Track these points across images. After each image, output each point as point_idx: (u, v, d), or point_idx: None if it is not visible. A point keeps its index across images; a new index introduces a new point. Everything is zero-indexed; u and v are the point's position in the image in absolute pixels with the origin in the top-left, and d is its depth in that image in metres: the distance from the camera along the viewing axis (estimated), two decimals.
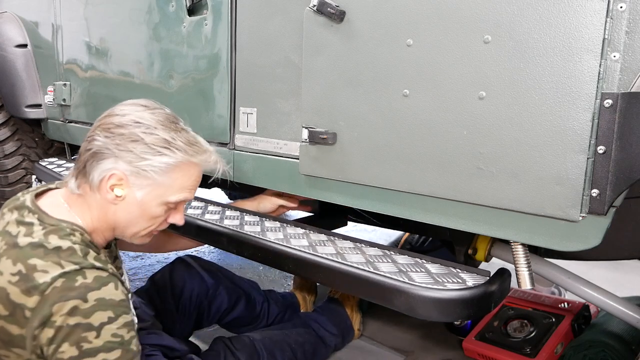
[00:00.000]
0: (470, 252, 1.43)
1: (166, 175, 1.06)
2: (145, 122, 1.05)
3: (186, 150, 1.07)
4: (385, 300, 1.09)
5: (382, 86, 1.16)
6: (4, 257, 0.97)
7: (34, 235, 0.99)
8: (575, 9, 0.89)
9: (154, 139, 1.04)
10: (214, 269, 1.75)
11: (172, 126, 1.08)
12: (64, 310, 0.92)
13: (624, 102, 0.87)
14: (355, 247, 1.32)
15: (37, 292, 0.93)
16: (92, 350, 0.93)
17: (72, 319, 0.92)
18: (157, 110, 1.09)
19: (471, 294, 1.05)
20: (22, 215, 1.03)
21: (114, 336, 0.95)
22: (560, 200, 0.94)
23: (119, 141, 1.03)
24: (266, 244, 1.32)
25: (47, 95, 2.45)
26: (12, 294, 0.93)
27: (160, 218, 1.12)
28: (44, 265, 0.94)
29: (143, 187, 1.05)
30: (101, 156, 1.03)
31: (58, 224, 1.02)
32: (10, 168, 2.59)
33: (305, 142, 1.31)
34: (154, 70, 1.80)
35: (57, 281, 0.93)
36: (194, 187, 1.13)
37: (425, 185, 1.12)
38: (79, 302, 0.93)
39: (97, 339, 0.93)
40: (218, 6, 1.54)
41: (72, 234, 1.01)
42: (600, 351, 1.53)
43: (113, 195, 1.05)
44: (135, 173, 1.04)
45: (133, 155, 1.03)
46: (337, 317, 1.82)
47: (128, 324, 0.98)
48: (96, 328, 0.93)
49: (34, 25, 2.52)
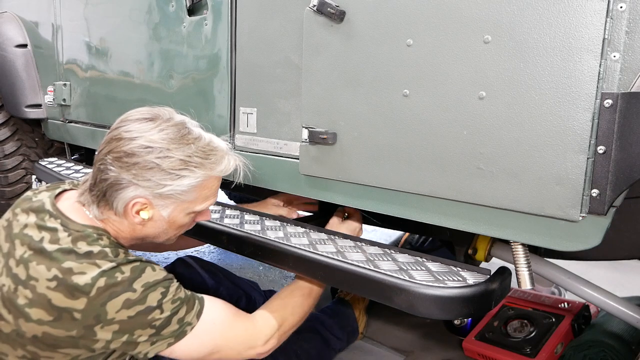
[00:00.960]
0: (470, 252, 1.43)
1: (189, 193, 1.06)
2: (156, 146, 1.00)
3: (204, 165, 1.05)
4: (386, 298, 1.09)
5: (382, 86, 1.16)
6: (34, 262, 0.96)
7: (60, 242, 0.98)
8: (575, 9, 0.89)
9: (170, 163, 1.01)
10: (214, 269, 1.75)
11: (184, 140, 1.03)
12: (118, 306, 0.95)
13: (624, 102, 0.87)
14: (356, 246, 1.32)
15: (82, 294, 0.93)
16: (165, 322, 1.00)
17: (130, 311, 0.96)
18: (165, 124, 1.04)
19: (472, 291, 1.05)
20: (43, 219, 1.02)
21: (174, 302, 1.02)
22: (560, 200, 0.94)
23: (135, 171, 1.00)
24: (266, 242, 1.32)
25: (47, 95, 2.45)
26: (54, 300, 0.93)
27: (189, 223, 1.15)
28: (80, 267, 0.95)
29: (168, 205, 1.06)
30: (120, 186, 1.01)
31: (83, 230, 1.01)
32: (10, 168, 2.59)
33: (305, 142, 1.31)
34: (154, 70, 1.80)
35: (98, 281, 0.94)
36: (217, 191, 1.14)
37: (425, 185, 1.12)
38: (129, 294, 0.96)
39: (163, 313, 1.00)
40: (218, 6, 1.54)
41: (99, 239, 1.01)
42: (600, 351, 1.53)
43: (140, 218, 1.05)
44: (158, 196, 1.03)
45: (152, 182, 1.01)
46: (344, 320, 1.82)
47: (178, 287, 1.05)
48: (156, 307, 0.99)
49: (34, 25, 2.52)
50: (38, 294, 0.94)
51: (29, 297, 0.95)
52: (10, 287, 0.97)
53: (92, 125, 2.20)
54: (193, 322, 1.05)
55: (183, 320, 1.03)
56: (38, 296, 0.94)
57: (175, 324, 1.02)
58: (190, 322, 1.04)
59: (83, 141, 2.29)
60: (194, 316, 1.06)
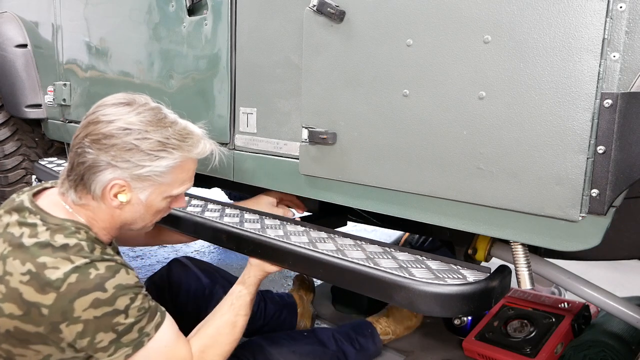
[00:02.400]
0: (470, 252, 1.43)
1: (167, 175, 1.07)
2: (134, 127, 1.03)
3: (182, 147, 1.08)
4: (386, 296, 1.09)
5: (382, 86, 1.16)
6: (10, 257, 0.97)
7: (39, 235, 0.99)
8: (575, 9, 0.89)
9: (149, 144, 1.03)
10: (211, 269, 1.75)
11: (162, 123, 1.07)
12: (86, 304, 0.94)
13: (623, 102, 0.87)
14: (356, 244, 1.32)
15: (52, 289, 0.93)
16: (127, 328, 1.00)
17: (97, 311, 0.95)
18: (142, 108, 1.07)
19: (472, 289, 1.05)
20: (23, 216, 1.03)
21: (140, 310, 1.02)
22: (560, 200, 0.94)
23: (114, 152, 1.01)
24: (266, 240, 1.31)
25: (47, 95, 2.45)
26: (25, 294, 0.94)
27: (165, 208, 1.16)
28: (54, 262, 0.95)
29: (146, 188, 1.07)
30: (98, 168, 1.02)
31: (62, 223, 1.02)
32: (10, 168, 2.59)
33: (305, 142, 1.31)
34: (154, 70, 1.81)
35: (70, 277, 0.94)
36: (193, 175, 1.16)
37: (425, 185, 1.12)
38: (99, 294, 0.96)
39: (127, 318, 0.99)
40: (218, 6, 1.54)
41: (77, 232, 1.02)
42: (600, 351, 1.53)
43: (118, 201, 1.06)
44: (136, 178, 1.04)
45: (131, 164, 1.02)
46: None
47: (146, 295, 1.06)
48: (123, 311, 0.98)
49: (34, 25, 2.52)
50: (11, 288, 0.94)
51: (2, 292, 0.95)
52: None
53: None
54: (151, 334, 1.05)
55: (143, 330, 1.03)
56: (11, 290, 0.94)
57: (135, 332, 1.01)
58: (148, 333, 1.04)
59: None
60: (153, 327, 1.05)
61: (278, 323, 1.81)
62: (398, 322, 1.88)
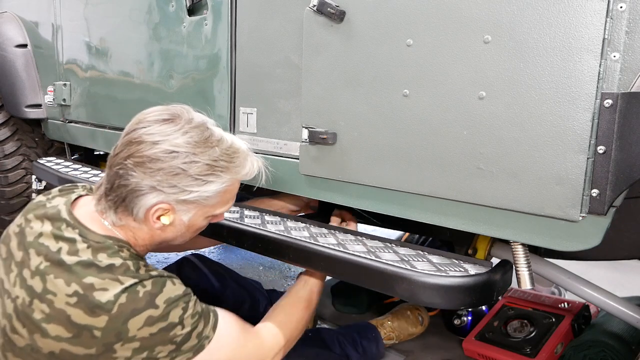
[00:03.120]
0: (470, 252, 1.43)
1: (213, 198, 1.03)
2: (182, 150, 0.96)
3: (230, 169, 1.03)
4: (388, 288, 1.08)
5: (382, 86, 1.16)
6: (51, 275, 0.93)
7: (79, 253, 0.95)
8: (575, 9, 0.89)
9: (197, 168, 0.97)
10: (220, 270, 1.73)
11: (209, 143, 1.00)
12: (140, 323, 0.92)
13: (624, 102, 0.87)
14: (357, 239, 1.32)
15: (103, 312, 0.90)
16: (185, 337, 0.98)
17: (152, 328, 0.93)
18: (187, 126, 0.99)
19: (474, 281, 1.04)
20: (59, 228, 0.98)
21: (193, 316, 1.00)
22: (560, 200, 0.94)
23: (160, 177, 0.95)
24: (267, 234, 1.31)
25: (47, 95, 2.45)
26: (74, 316, 0.90)
27: (204, 225, 1.12)
28: (102, 284, 0.92)
29: (190, 210, 1.03)
30: (141, 192, 0.97)
31: (104, 241, 0.97)
32: (10, 168, 2.59)
33: (305, 142, 1.31)
34: (154, 70, 1.80)
35: (121, 297, 0.91)
36: (236, 193, 1.11)
37: (425, 185, 1.12)
38: (152, 311, 0.93)
39: (183, 329, 0.98)
40: (218, 6, 1.54)
41: (120, 251, 0.98)
42: (600, 351, 1.53)
43: (160, 224, 1.02)
44: (182, 202, 1.00)
45: (177, 189, 0.97)
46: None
47: (196, 301, 1.04)
48: (178, 323, 0.97)
49: (34, 25, 2.52)
50: (56, 309, 0.90)
51: (45, 312, 0.91)
52: (25, 300, 0.93)
53: (92, 125, 2.20)
54: (210, 335, 1.03)
55: (202, 335, 1.01)
56: (56, 312, 0.90)
57: (194, 339, 1.00)
58: (207, 336, 1.03)
59: (83, 141, 2.29)
60: (211, 329, 1.04)
61: None
62: (403, 328, 1.87)
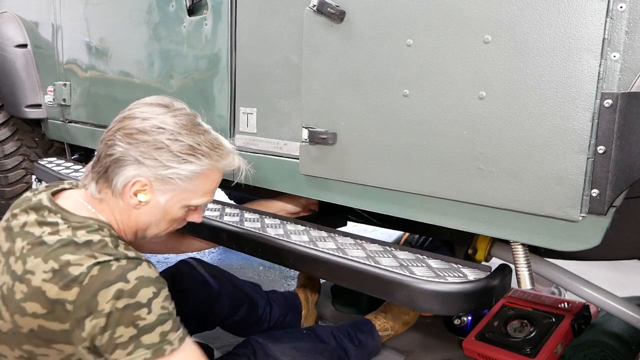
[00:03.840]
0: (470, 252, 1.43)
1: (191, 181, 1.06)
2: (169, 128, 1.03)
3: (211, 155, 1.07)
4: (387, 294, 1.09)
5: (382, 86, 1.16)
6: (31, 256, 0.95)
7: (60, 232, 0.98)
8: (575, 9, 0.89)
9: (180, 146, 1.03)
10: (218, 273, 1.73)
11: (195, 129, 1.06)
12: (109, 296, 0.92)
13: (624, 102, 0.87)
14: (356, 243, 1.32)
15: (75, 284, 0.92)
16: (149, 326, 0.94)
17: (120, 302, 0.93)
18: (178, 112, 1.07)
19: (473, 287, 1.05)
20: (42, 215, 1.02)
21: (163, 308, 0.97)
22: (560, 200, 0.94)
23: (143, 148, 1.01)
24: (267, 239, 1.31)
25: (47, 95, 2.45)
26: (49, 292, 0.92)
27: (181, 219, 1.14)
28: (78, 259, 0.94)
29: (167, 192, 1.06)
30: (124, 162, 1.02)
31: (84, 221, 1.01)
32: (10, 168, 2.59)
33: (305, 142, 1.31)
34: (154, 70, 1.81)
35: (93, 269, 0.93)
36: (215, 189, 1.14)
37: (425, 185, 1.12)
38: (122, 284, 0.93)
39: (150, 314, 0.95)
40: (218, 6, 1.54)
41: (100, 229, 1.01)
42: (600, 351, 1.53)
43: (136, 200, 1.05)
44: (160, 179, 1.03)
45: (158, 162, 1.02)
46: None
47: (168, 296, 1.01)
48: (146, 304, 0.95)
49: (34, 25, 2.52)
50: (33, 287, 0.93)
51: (24, 292, 0.94)
52: (8, 284, 0.96)
53: (92, 125, 2.20)
54: (174, 344, 0.96)
55: (165, 336, 0.96)
56: (33, 289, 0.93)
57: (157, 335, 0.95)
58: (171, 342, 0.96)
59: (83, 141, 2.29)
60: (177, 339, 0.97)
61: (282, 327, 1.81)
62: (396, 317, 1.88)
